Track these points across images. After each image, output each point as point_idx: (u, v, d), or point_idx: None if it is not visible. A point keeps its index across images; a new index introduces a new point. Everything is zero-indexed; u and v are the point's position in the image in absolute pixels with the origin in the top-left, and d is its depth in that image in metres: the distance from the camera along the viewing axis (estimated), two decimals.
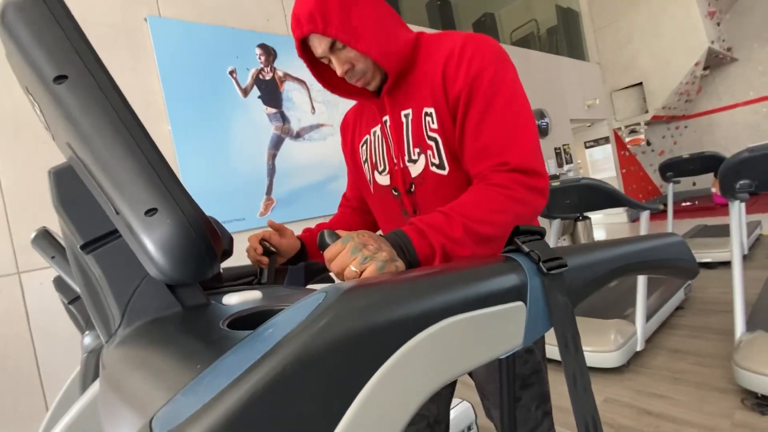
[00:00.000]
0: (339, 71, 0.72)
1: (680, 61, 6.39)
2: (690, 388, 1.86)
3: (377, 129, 0.82)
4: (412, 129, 0.74)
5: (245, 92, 2.79)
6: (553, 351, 2.38)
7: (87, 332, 1.03)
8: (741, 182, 1.84)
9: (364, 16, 0.68)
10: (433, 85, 0.71)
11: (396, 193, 0.80)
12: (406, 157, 0.76)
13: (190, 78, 2.55)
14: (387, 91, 0.76)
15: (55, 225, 0.55)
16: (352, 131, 0.92)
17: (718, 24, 6.89)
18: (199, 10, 2.69)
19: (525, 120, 0.66)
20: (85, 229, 0.38)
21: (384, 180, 0.82)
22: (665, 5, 6.41)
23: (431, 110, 0.71)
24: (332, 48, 0.70)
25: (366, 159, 0.86)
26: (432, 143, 0.72)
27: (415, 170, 0.76)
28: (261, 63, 2.89)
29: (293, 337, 0.22)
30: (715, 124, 7.78)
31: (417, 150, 0.74)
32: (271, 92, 2.91)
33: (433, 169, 0.73)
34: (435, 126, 0.71)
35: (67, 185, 0.38)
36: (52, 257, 0.94)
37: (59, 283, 1.16)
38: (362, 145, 0.87)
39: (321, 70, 0.80)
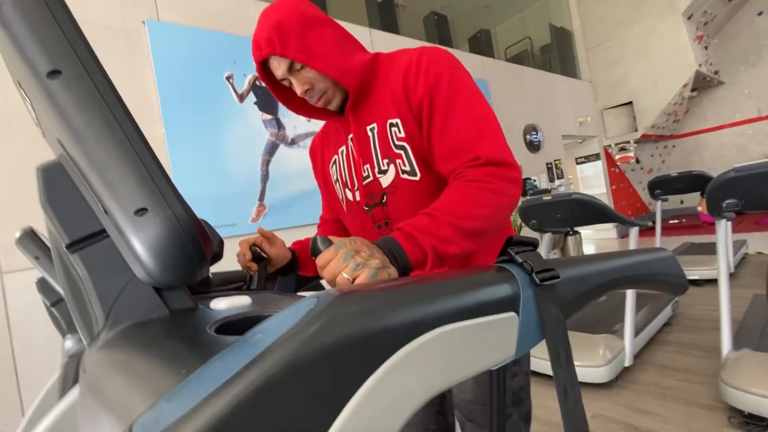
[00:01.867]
0: (299, 91, 0.73)
1: (669, 83, 6.56)
2: (678, 404, 1.86)
3: (344, 148, 0.83)
4: (378, 141, 0.76)
5: (241, 98, 2.79)
6: (542, 365, 2.35)
7: (68, 336, 1.00)
8: (727, 201, 1.87)
9: (321, 37, 0.70)
10: (395, 98, 0.73)
11: (367, 208, 0.81)
12: (376, 169, 0.77)
13: (187, 82, 2.55)
14: (350, 108, 0.77)
15: (41, 226, 0.54)
16: (321, 155, 0.93)
17: (706, 48, 7.10)
18: (198, 15, 2.70)
19: (488, 116, 0.69)
20: (72, 228, 0.37)
21: (353, 196, 0.83)
22: (655, 28, 6.60)
23: (396, 120, 0.73)
24: (291, 69, 0.71)
25: (337, 178, 0.87)
26: (401, 151, 0.74)
27: (386, 180, 0.76)
28: None
29: (283, 343, 0.22)
30: (702, 145, 7.97)
31: (386, 161, 0.75)
32: (267, 99, 2.91)
33: (404, 176, 0.75)
34: (402, 135, 0.73)
35: (56, 183, 0.38)
36: (36, 258, 0.92)
37: (42, 285, 1.14)
38: (332, 166, 0.88)
39: (283, 92, 0.82)
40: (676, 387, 2.01)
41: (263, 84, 3.14)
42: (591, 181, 7.51)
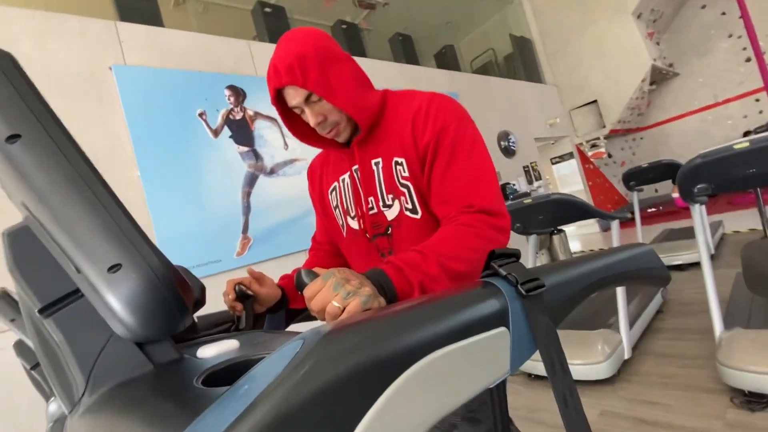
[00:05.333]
0: (312, 122, 0.76)
1: (628, 79, 6.86)
2: (680, 391, 1.88)
3: (346, 177, 0.86)
4: (383, 176, 0.79)
5: (216, 133, 2.78)
6: (540, 368, 2.32)
7: (52, 399, 0.95)
8: (698, 186, 1.94)
9: (340, 73, 0.74)
10: (403, 138, 0.77)
11: (369, 237, 0.83)
12: (381, 203, 0.80)
13: (159, 123, 2.53)
14: (357, 142, 0.81)
15: (13, 286, 0.51)
16: (319, 178, 0.96)
17: (658, 43, 7.49)
18: (166, 55, 2.71)
19: (486, 168, 0.74)
20: (43, 292, 0.36)
21: (356, 224, 0.85)
22: (608, 30, 6.94)
23: (402, 160, 0.77)
24: (307, 100, 0.74)
25: (337, 205, 0.89)
26: (404, 190, 0.77)
27: (390, 214, 0.80)
28: (230, 104, 2.91)
29: (270, 394, 0.21)
30: (667, 134, 8.30)
31: (390, 196, 0.79)
32: (242, 131, 2.91)
33: (407, 213, 0.78)
34: (406, 174, 0.77)
35: (23, 247, 0.36)
36: (12, 320, 0.88)
37: (20, 348, 1.08)
38: (331, 192, 0.91)
39: (292, 119, 0.84)
40: (677, 374, 2.03)
41: (236, 118, 3.14)
42: (568, 180, 7.69)
